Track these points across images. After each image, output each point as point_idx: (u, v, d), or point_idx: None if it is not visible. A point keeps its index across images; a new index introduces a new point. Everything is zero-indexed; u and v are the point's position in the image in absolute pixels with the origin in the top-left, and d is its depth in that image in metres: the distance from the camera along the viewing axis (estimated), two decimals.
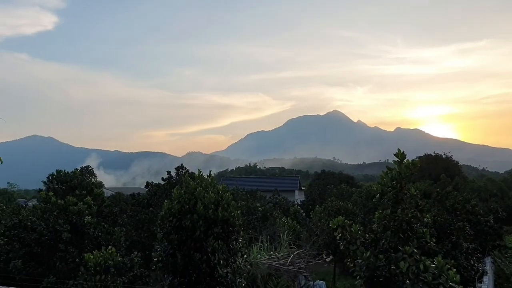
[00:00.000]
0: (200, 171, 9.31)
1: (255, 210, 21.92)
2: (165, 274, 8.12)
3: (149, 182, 21.47)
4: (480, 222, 19.66)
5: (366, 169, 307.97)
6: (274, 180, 64.70)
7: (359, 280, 7.32)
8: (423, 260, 6.67)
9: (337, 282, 19.17)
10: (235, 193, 31.20)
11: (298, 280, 13.02)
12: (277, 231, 16.25)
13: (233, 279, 8.20)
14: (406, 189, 7.55)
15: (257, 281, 12.12)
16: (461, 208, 19.05)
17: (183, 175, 20.59)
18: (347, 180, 58.44)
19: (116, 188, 72.09)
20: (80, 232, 14.79)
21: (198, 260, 7.79)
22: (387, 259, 7.16)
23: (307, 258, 13.38)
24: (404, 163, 7.52)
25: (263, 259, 12.73)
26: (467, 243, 14.89)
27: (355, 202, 23.29)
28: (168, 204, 8.45)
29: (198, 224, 7.98)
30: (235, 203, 8.97)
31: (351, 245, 7.67)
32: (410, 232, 7.43)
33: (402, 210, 7.40)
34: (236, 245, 8.60)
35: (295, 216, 25.75)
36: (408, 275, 6.59)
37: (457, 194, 21.28)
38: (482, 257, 16.14)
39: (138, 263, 12.81)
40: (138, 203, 20.08)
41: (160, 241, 8.28)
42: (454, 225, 14.76)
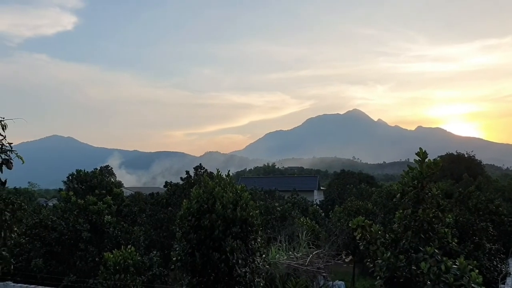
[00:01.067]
0: (218, 171, 9.34)
1: (274, 210, 21.88)
2: (183, 274, 8.17)
3: (167, 181, 21.68)
4: (504, 222, 19.15)
5: (386, 168, 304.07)
6: (293, 180, 64.51)
7: (379, 280, 7.23)
8: (445, 260, 6.54)
9: (356, 282, 18.99)
10: (253, 193, 31.21)
11: (317, 280, 12.93)
12: (295, 231, 16.18)
13: (252, 279, 8.19)
14: (428, 188, 7.42)
15: (275, 281, 12.10)
16: (484, 208, 18.61)
17: (201, 174, 20.72)
18: (367, 180, 57.78)
19: (136, 187, 73.10)
20: (99, 232, 15.04)
21: (216, 259, 7.81)
22: (407, 260, 7.05)
23: (326, 258, 13.28)
24: (425, 162, 7.38)
25: (282, 259, 12.69)
26: (490, 243, 14.51)
27: (375, 202, 23.00)
28: (187, 203, 8.50)
29: (216, 224, 8.00)
30: (253, 202, 8.97)
31: (371, 245, 7.59)
32: (431, 233, 7.30)
33: (423, 210, 7.28)
34: (255, 245, 8.59)
35: (313, 216, 25.61)
36: (429, 276, 6.47)
37: (479, 194, 20.79)
38: (505, 258, 15.72)
39: (157, 262, 12.95)
40: (157, 202, 20.29)
41: (179, 240, 8.33)
42: (476, 226, 14.41)
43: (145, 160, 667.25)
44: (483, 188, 40.76)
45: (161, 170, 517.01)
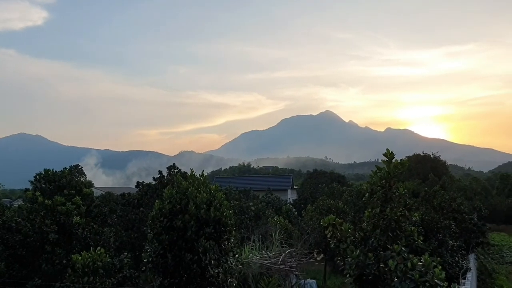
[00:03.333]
0: (192, 171, 9.32)
1: (248, 210, 21.95)
2: (155, 275, 8.12)
3: (139, 181, 21.35)
4: (465, 220, 20.01)
5: (357, 168, 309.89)
6: (267, 179, 64.87)
7: (349, 278, 7.39)
8: (411, 258, 6.76)
9: (327, 280, 19.29)
10: (228, 193, 31.18)
11: (289, 279, 13.09)
12: (269, 230, 16.31)
13: (224, 279, 8.23)
14: (395, 188, 7.64)
15: (248, 280, 12.17)
16: (448, 207, 19.39)
17: (175, 174, 20.52)
18: (339, 179, 58.79)
19: (107, 187, 71.52)
20: (68, 233, 14.65)
21: (189, 260, 7.80)
22: (376, 257, 7.24)
23: (298, 257, 13.45)
24: (393, 162, 7.61)
25: (255, 258, 12.78)
26: (453, 240, 15.13)
27: (346, 201, 23.45)
28: (159, 204, 8.44)
29: (189, 224, 7.99)
30: (227, 202, 9.00)
31: (341, 243, 7.75)
32: (399, 231, 7.52)
33: (391, 209, 7.49)
34: (228, 245, 8.62)
35: (287, 215, 25.85)
36: (396, 273, 6.67)
37: (444, 193, 21.60)
38: (466, 254, 16.44)
39: (127, 264, 12.74)
40: (128, 203, 19.96)
41: (151, 241, 8.27)
42: (440, 223, 14.98)
43: (119, 160, 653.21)
44: (447, 188, 42.34)
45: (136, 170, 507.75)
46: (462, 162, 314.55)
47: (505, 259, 27.67)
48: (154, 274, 8.10)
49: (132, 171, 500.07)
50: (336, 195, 30.46)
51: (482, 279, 20.64)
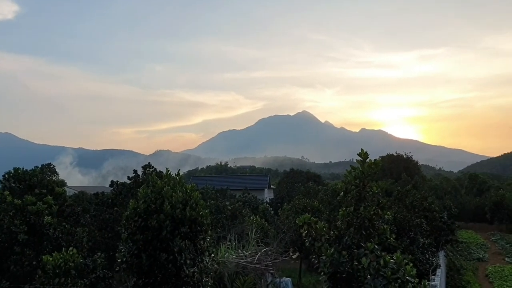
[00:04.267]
0: (168, 170, 9.24)
1: (224, 209, 21.93)
2: (129, 275, 8.02)
3: (113, 181, 21.00)
4: (436, 218, 20.62)
5: (332, 168, 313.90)
6: (244, 179, 64.92)
7: (323, 276, 7.49)
8: (383, 255, 6.91)
9: (302, 278, 19.48)
10: (204, 192, 31.06)
11: (265, 278, 13.16)
12: (245, 229, 16.34)
13: (200, 279, 8.20)
14: (369, 187, 7.79)
15: (224, 279, 12.17)
16: (419, 206, 19.94)
17: (150, 174, 20.28)
18: (314, 179, 59.42)
19: (80, 187, 69.93)
20: (38, 233, 14.26)
21: (164, 260, 7.74)
22: (350, 255, 7.36)
23: (274, 256, 13.53)
24: (367, 162, 7.76)
25: (231, 257, 12.78)
26: (424, 238, 15.56)
27: (321, 199, 23.71)
28: (133, 203, 8.34)
29: (164, 224, 7.92)
30: (203, 202, 8.97)
31: (316, 241, 7.84)
32: (372, 229, 7.68)
33: (364, 208, 7.63)
34: (204, 245, 8.60)
35: (263, 214, 25.96)
36: (369, 271, 6.80)
37: (415, 192, 22.19)
38: (436, 251, 16.96)
39: (101, 264, 12.52)
40: (102, 202, 19.60)
41: (125, 241, 8.16)
42: (412, 222, 15.37)
43: (94, 159, 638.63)
44: (419, 187, 43.43)
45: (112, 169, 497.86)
46: (433, 162, 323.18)
47: (472, 256, 28.61)
48: (128, 274, 7.99)
49: (108, 170, 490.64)
50: (312, 194, 30.78)
51: (451, 275, 21.30)
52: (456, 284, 19.47)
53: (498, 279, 21.37)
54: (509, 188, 54.99)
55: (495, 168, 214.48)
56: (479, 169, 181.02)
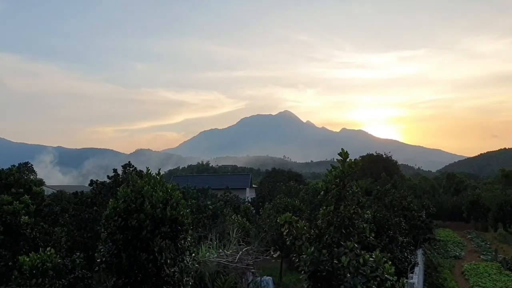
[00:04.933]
0: (148, 169, 9.16)
1: (206, 208, 21.84)
2: (109, 275, 7.93)
3: (93, 180, 20.68)
4: (414, 217, 21.01)
5: (313, 167, 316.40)
6: (226, 178, 64.79)
7: (304, 274, 7.56)
8: (363, 254, 7.02)
9: (283, 277, 19.58)
10: (185, 192, 30.87)
11: (246, 277, 13.18)
12: (226, 228, 16.33)
13: (180, 278, 8.16)
14: (349, 186, 7.89)
15: (205, 279, 12.14)
16: (398, 205, 20.30)
17: (130, 173, 20.04)
18: (296, 178, 59.83)
19: (59, 186, 68.56)
20: (15, 233, 13.96)
21: (144, 260, 7.67)
22: (330, 254, 7.44)
23: (255, 255, 13.57)
24: (347, 162, 7.86)
25: (212, 257, 12.76)
26: (402, 237, 15.84)
27: (302, 199, 23.88)
28: (113, 203, 8.24)
29: (145, 224, 7.86)
30: (184, 201, 8.93)
31: (297, 240, 7.91)
32: (352, 228, 7.78)
33: (344, 207, 7.73)
34: (185, 244, 8.56)
35: (245, 214, 25.97)
36: (349, 269, 6.89)
37: (395, 192, 22.59)
38: (414, 250, 17.29)
39: (80, 264, 12.33)
40: (82, 202, 19.27)
41: (104, 241, 8.06)
42: (391, 221, 15.62)
43: (74, 158, 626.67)
44: (398, 186, 44.23)
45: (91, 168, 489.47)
46: (413, 162, 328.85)
47: (449, 254, 29.26)
48: (107, 274, 7.89)
49: (88, 169, 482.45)
50: (293, 193, 30.98)
51: (429, 272, 21.74)
52: (433, 282, 19.86)
53: (473, 276, 21.92)
54: (485, 188, 56.45)
55: (472, 167, 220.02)
56: (457, 168, 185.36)
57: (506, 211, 41.23)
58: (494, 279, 20.83)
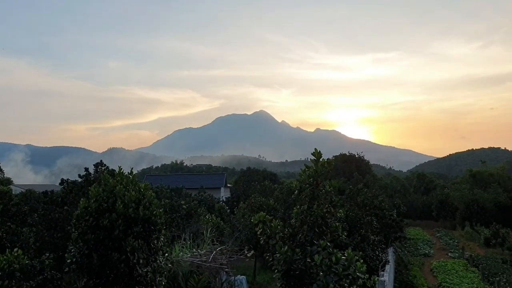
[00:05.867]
0: (120, 168, 9.03)
1: (179, 208, 21.66)
2: (79, 276, 7.77)
3: (64, 179, 20.17)
4: (385, 216, 21.52)
5: (288, 166, 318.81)
6: (200, 178, 64.43)
7: (277, 273, 7.63)
8: (335, 252, 7.15)
9: (257, 276, 19.65)
10: (159, 191, 30.52)
11: (219, 276, 13.17)
12: (200, 228, 16.26)
13: (153, 278, 8.09)
14: (322, 186, 8.03)
15: (178, 279, 12.07)
16: (370, 204, 20.73)
17: (102, 172, 19.65)
18: (271, 177, 60.12)
19: (28, 185, 66.46)
20: None
21: (116, 260, 7.56)
22: (303, 253, 7.55)
23: (229, 254, 13.58)
24: (320, 161, 7.99)
25: (185, 256, 12.69)
26: (374, 235, 16.20)
27: (277, 198, 23.98)
28: (84, 202, 8.08)
29: (117, 223, 7.74)
30: (157, 201, 8.85)
31: (271, 239, 7.98)
32: (325, 227, 7.92)
33: (318, 206, 7.86)
34: (158, 244, 8.48)
35: (219, 213, 25.93)
36: (322, 267, 7.00)
37: (367, 191, 23.03)
38: (385, 248, 17.72)
39: (49, 265, 12.00)
40: (52, 201, 18.76)
41: (75, 241, 7.89)
42: (363, 219, 15.96)
43: (46, 156, 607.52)
44: (370, 186, 45.19)
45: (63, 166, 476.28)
46: (384, 162, 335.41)
47: (419, 252, 30.08)
48: (78, 275, 7.74)
49: (61, 168, 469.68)
50: (268, 193, 31.10)
51: (399, 270, 22.29)
52: (403, 279, 20.37)
53: (441, 273, 22.61)
54: (453, 187, 58.28)
55: (441, 168, 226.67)
56: (427, 169, 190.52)
57: (473, 210, 42.80)
58: (461, 276, 21.57)
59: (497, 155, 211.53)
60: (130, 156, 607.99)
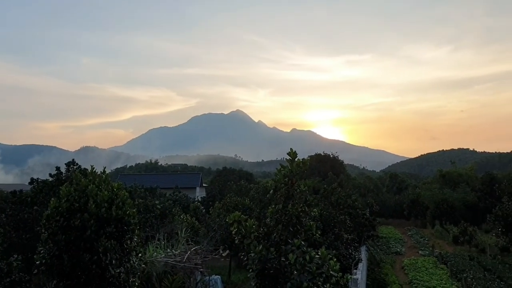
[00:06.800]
0: (93, 167, 8.84)
1: (153, 208, 21.40)
2: (49, 278, 7.57)
3: (33, 178, 19.61)
4: (359, 215, 21.94)
5: (264, 166, 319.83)
6: (175, 177, 63.75)
7: (252, 273, 7.64)
8: (309, 251, 7.22)
9: (232, 275, 19.65)
10: (132, 191, 30.03)
11: (194, 276, 13.09)
12: (175, 228, 16.13)
13: (126, 279, 7.96)
14: (297, 185, 8.08)
15: (152, 279, 11.92)
16: (344, 203, 21.09)
17: (74, 171, 19.20)
18: (247, 177, 60.20)
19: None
20: None
21: (87, 261, 7.40)
22: (277, 252, 7.58)
23: (204, 254, 13.53)
24: (295, 161, 8.05)
25: (159, 257, 12.55)
26: (347, 234, 16.47)
27: (253, 197, 24.07)
28: (55, 202, 7.87)
29: (89, 224, 7.58)
30: (131, 201, 8.71)
31: (246, 239, 7.97)
32: (299, 226, 7.98)
33: (292, 205, 7.91)
34: (131, 244, 8.35)
35: (194, 213, 25.74)
36: (296, 266, 7.06)
37: (340, 190, 23.43)
38: (358, 246, 18.04)
39: (17, 267, 11.66)
40: (21, 201, 18.21)
41: (45, 242, 7.68)
42: (337, 218, 16.19)
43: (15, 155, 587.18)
44: (344, 185, 45.87)
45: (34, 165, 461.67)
46: (358, 162, 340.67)
47: (391, 250, 30.73)
48: (47, 276, 7.53)
49: (32, 167, 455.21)
50: (244, 192, 31.14)
51: (372, 268, 22.73)
52: (376, 277, 20.77)
53: (412, 270, 23.19)
54: (424, 187, 59.84)
55: (413, 168, 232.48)
56: (399, 169, 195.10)
57: (443, 209, 44.10)
58: (431, 273, 22.19)
59: (466, 156, 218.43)
60: (105, 155, 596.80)
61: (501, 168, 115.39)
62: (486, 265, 23.45)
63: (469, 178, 55.95)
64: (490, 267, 22.89)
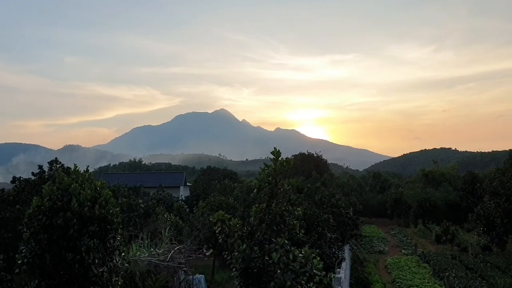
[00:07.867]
0: (76, 166, 8.77)
1: (137, 207, 21.25)
2: (31, 277, 7.49)
3: (16, 177, 19.29)
4: (342, 214, 22.15)
5: (249, 165, 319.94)
6: (159, 176, 63.26)
7: (235, 272, 7.68)
8: (293, 250, 7.30)
9: (216, 275, 19.65)
10: (116, 190, 29.72)
11: (177, 275, 13.08)
12: (158, 227, 16.06)
13: (109, 278, 7.93)
14: (281, 184, 8.15)
15: (135, 278, 11.88)
16: (327, 202, 21.29)
17: (57, 170, 18.94)
18: (231, 176, 60.12)
19: None
20: None
21: (70, 260, 7.35)
22: (261, 251, 7.64)
23: (187, 253, 13.53)
24: (279, 160, 8.12)
25: (143, 256, 12.51)
26: (331, 233, 16.63)
27: (237, 196, 24.07)
28: (37, 201, 7.79)
29: (71, 223, 7.53)
30: (114, 200, 8.67)
31: (229, 238, 8.01)
32: (283, 225, 8.06)
33: (276, 204, 7.98)
34: (114, 243, 8.32)
35: (178, 212, 25.66)
36: (279, 265, 7.12)
37: (324, 189, 23.66)
38: (342, 245, 18.21)
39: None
40: (2, 200, 17.90)
41: (27, 241, 7.59)
42: (320, 217, 16.32)
43: None
44: (327, 184, 46.26)
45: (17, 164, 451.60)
46: (341, 161, 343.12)
47: (374, 249, 31.07)
48: (29, 276, 7.45)
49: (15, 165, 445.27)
50: (228, 191, 31.12)
51: (355, 267, 23.00)
52: (359, 276, 21.00)
53: (395, 269, 23.50)
54: (407, 186, 60.57)
55: (396, 167, 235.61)
56: (382, 168, 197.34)
57: (425, 208, 44.77)
58: (414, 272, 22.53)
59: (448, 155, 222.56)
60: (89, 154, 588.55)
61: (482, 168, 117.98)
62: (468, 264, 23.84)
63: (451, 178, 56.72)
64: (472, 265, 23.23)
